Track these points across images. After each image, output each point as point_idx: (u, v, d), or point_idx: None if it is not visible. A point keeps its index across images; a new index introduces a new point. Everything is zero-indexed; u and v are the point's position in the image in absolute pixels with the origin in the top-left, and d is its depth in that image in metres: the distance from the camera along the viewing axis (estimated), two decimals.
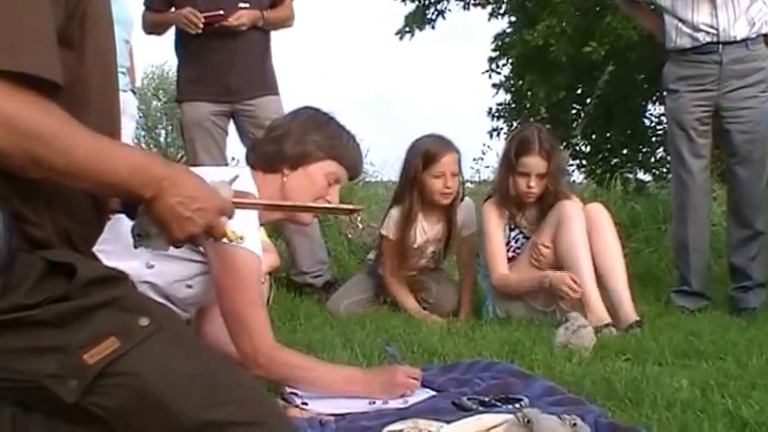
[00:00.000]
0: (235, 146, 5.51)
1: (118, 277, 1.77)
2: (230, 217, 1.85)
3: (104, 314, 1.66)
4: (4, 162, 1.53)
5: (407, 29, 13.84)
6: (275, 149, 2.85)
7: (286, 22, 5.36)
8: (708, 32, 4.72)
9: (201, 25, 4.92)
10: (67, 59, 1.62)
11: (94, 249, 1.92)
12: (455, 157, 4.77)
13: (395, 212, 4.89)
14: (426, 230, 4.89)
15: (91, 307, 1.66)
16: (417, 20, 13.87)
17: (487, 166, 11.43)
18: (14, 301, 1.59)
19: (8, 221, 1.60)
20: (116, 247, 2.42)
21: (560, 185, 4.53)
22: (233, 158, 6.92)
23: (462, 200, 4.93)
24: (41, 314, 1.61)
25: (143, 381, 1.67)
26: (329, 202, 2.88)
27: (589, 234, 4.25)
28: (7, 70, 1.48)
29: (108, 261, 1.87)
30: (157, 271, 2.65)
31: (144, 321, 1.70)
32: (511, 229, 4.65)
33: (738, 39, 4.69)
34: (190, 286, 2.71)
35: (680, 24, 4.81)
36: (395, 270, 4.92)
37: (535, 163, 4.42)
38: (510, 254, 4.66)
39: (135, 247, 1.81)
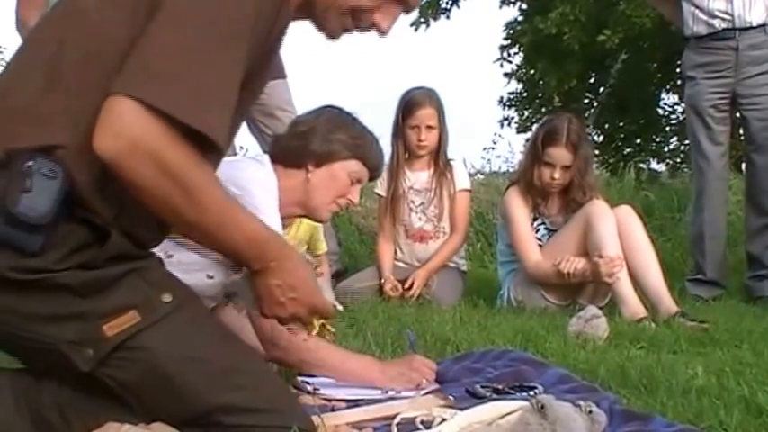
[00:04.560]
0: (244, 135, 5.53)
1: (146, 254, 1.82)
2: (326, 318, 1.96)
3: (128, 285, 1.70)
4: (141, 195, 1.62)
5: (422, 19, 13.83)
6: (300, 146, 2.91)
7: None
8: (723, 19, 4.73)
9: None
10: None
11: None
12: (430, 112, 5.01)
13: (385, 170, 5.03)
14: (410, 178, 5.12)
15: (116, 276, 1.69)
16: (432, 10, 13.86)
17: (498, 156, 11.43)
18: (44, 264, 1.63)
19: (66, 186, 1.64)
20: None
21: (585, 178, 4.50)
22: (241, 147, 6.94)
23: (446, 158, 5.15)
24: (66, 278, 1.64)
25: (158, 358, 1.70)
26: (351, 201, 3.00)
27: (620, 236, 4.23)
28: (187, 124, 1.56)
29: None
30: (176, 260, 2.66)
31: (167, 297, 1.73)
32: (534, 219, 4.65)
33: (755, 24, 4.69)
34: (210, 276, 2.72)
35: (696, 11, 4.81)
36: (388, 229, 5.18)
37: (561, 155, 4.42)
38: None
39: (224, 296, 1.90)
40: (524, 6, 13.84)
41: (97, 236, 1.69)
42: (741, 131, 4.99)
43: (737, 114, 4.88)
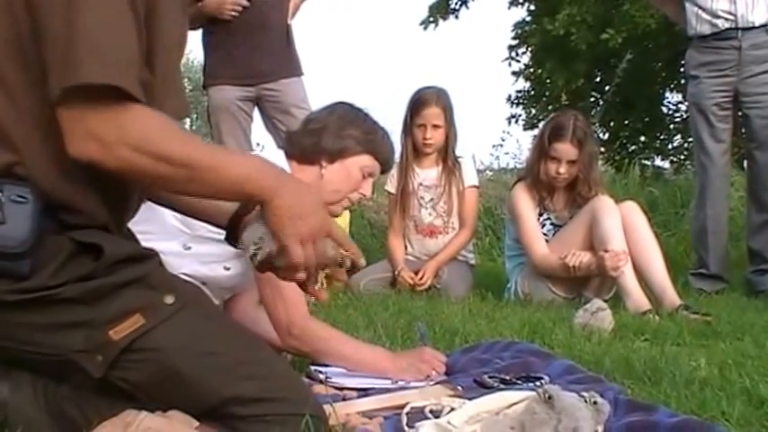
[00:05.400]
0: (260, 132, 5.53)
1: (145, 255, 1.79)
2: (339, 243, 1.82)
3: (131, 291, 1.68)
4: (138, 181, 1.67)
5: (431, 19, 13.81)
6: (313, 142, 2.90)
7: None
8: (726, 19, 4.72)
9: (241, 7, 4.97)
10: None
11: (135, 232, 1.95)
12: (436, 111, 5.03)
13: (395, 167, 5.09)
14: (420, 174, 5.15)
15: (117, 285, 1.67)
16: (441, 10, 13.84)
17: (506, 153, 11.42)
18: (39, 282, 1.61)
19: (39, 204, 1.61)
20: (155, 228, 2.44)
21: (591, 174, 4.51)
22: (257, 144, 6.92)
23: (455, 155, 5.16)
24: (66, 292, 1.63)
25: (167, 357, 1.69)
26: (363, 195, 3.00)
27: (625, 231, 4.23)
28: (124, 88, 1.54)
29: (147, 242, 1.89)
30: (194, 252, 2.66)
31: (169, 299, 1.71)
32: (540, 214, 4.64)
33: (757, 24, 4.69)
34: (227, 268, 2.72)
35: (700, 11, 4.80)
36: (398, 224, 5.21)
37: (566, 150, 4.42)
38: None
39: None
40: (532, 7, 13.81)
41: (86, 244, 1.69)
42: (743, 129, 4.97)
43: (740, 112, 4.87)
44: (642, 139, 14.00)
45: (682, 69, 8.18)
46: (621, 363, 2.67)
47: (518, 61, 14.17)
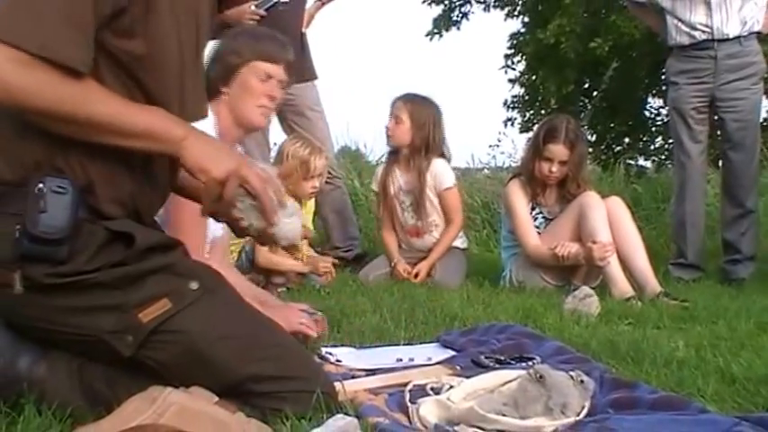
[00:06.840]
0: (278, 133, 5.52)
1: (172, 244, 1.80)
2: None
3: (159, 278, 1.69)
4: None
5: (436, 30, 13.84)
6: (207, 77, 2.83)
7: None
8: (703, 31, 4.72)
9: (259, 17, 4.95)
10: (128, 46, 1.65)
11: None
12: (399, 105, 4.86)
13: (379, 167, 5.17)
14: (398, 177, 4.99)
15: (147, 271, 1.69)
16: (444, 22, 13.86)
17: (503, 153, 11.41)
18: (75, 267, 1.63)
19: (76, 195, 1.61)
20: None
21: (580, 173, 4.51)
22: (275, 144, 6.91)
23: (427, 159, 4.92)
24: (100, 277, 1.64)
25: (191, 338, 1.70)
26: (271, 96, 2.86)
27: (610, 224, 4.23)
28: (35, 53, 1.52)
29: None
30: None
31: (194, 285, 1.72)
32: (532, 208, 4.63)
33: (731, 36, 4.68)
34: None
35: (679, 24, 4.80)
36: (387, 220, 5.07)
37: (559, 151, 4.41)
38: None
39: None
40: (526, 19, 13.79)
41: (119, 232, 1.70)
42: (719, 131, 4.97)
43: (715, 116, 4.86)
44: (626, 140, 13.98)
45: (663, 77, 8.18)
46: (607, 344, 2.67)
47: (513, 69, 14.17)
